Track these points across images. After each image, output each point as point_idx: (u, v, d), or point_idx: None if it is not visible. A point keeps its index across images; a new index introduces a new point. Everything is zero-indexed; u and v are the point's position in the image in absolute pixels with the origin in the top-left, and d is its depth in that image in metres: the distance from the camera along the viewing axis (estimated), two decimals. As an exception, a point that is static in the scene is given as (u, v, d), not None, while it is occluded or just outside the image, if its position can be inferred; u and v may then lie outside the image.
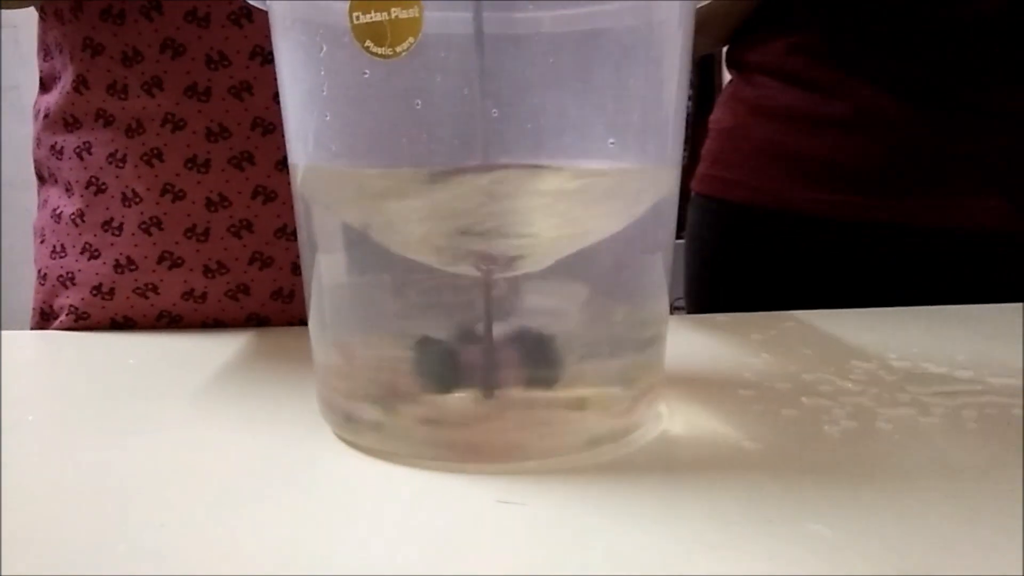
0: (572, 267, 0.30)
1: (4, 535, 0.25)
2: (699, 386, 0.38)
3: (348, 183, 0.29)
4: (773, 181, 0.65)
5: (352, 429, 0.31)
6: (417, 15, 0.25)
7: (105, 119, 0.50)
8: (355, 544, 0.24)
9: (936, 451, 0.30)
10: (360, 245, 0.30)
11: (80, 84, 0.50)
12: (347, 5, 0.26)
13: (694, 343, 0.46)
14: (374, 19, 0.26)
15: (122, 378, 0.42)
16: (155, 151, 0.49)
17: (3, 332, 0.50)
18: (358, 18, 0.26)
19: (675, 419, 0.34)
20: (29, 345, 0.50)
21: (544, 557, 0.23)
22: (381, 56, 0.26)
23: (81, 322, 0.51)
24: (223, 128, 0.49)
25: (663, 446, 0.31)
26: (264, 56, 0.49)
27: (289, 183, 0.51)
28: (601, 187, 0.29)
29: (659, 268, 0.32)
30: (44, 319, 0.53)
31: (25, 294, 0.54)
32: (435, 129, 0.27)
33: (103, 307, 0.51)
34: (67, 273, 0.51)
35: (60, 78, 0.52)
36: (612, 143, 0.28)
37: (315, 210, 0.31)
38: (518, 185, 0.28)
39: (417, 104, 0.26)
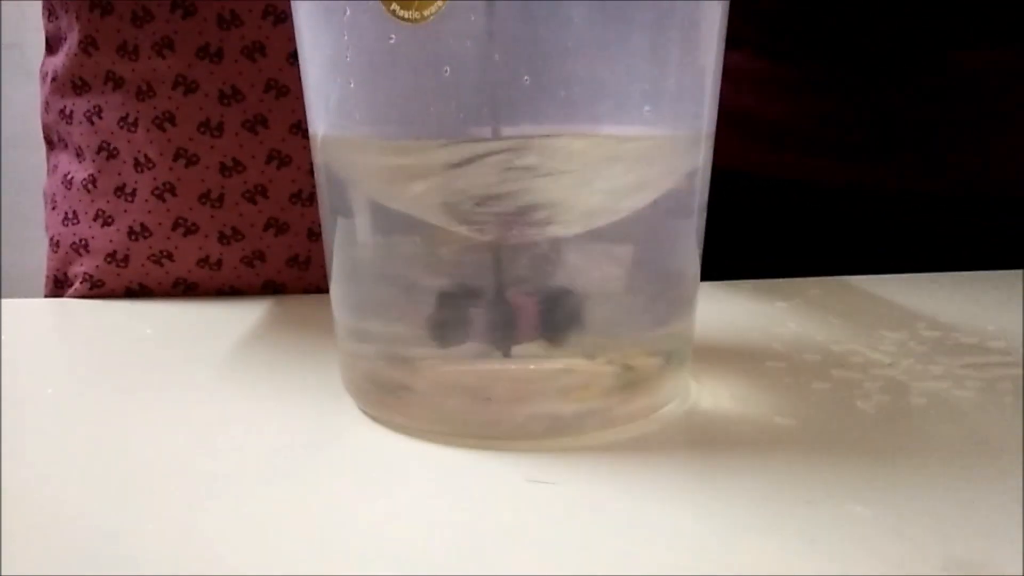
0: (603, 233, 0.29)
1: (17, 510, 0.24)
2: (727, 357, 0.38)
3: (371, 153, 0.28)
4: (731, 142, 0.64)
5: (376, 402, 0.31)
6: (446, -23, 0.24)
7: (115, 81, 0.49)
8: (378, 525, 0.24)
9: (973, 427, 0.30)
10: (383, 213, 0.29)
11: (88, 45, 0.48)
12: (372, -34, 0.24)
13: (718, 311, 0.46)
14: (400, -19, 0.24)
15: (140, 348, 0.42)
16: (167, 114, 0.48)
17: (18, 300, 0.50)
18: (383, -20, 0.24)
19: (704, 392, 0.33)
20: (45, 313, 0.50)
21: (576, 539, 0.23)
22: (408, 20, 0.25)
23: (96, 290, 0.50)
24: (236, 90, 0.48)
25: (694, 421, 0.31)
26: (277, 15, 0.47)
27: (304, 147, 0.50)
28: (635, 156, 0.28)
29: (692, 235, 0.31)
30: (58, 286, 0.52)
31: (27, 254, 0.53)
32: (464, 97, 0.26)
33: (118, 275, 0.50)
34: (80, 240, 0.51)
35: (66, 39, 0.50)
36: (648, 110, 0.27)
37: (336, 179, 0.30)
38: (548, 155, 0.27)
39: (446, 71, 0.25)
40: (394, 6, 0.25)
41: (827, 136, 0.61)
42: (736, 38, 0.64)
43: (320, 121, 0.29)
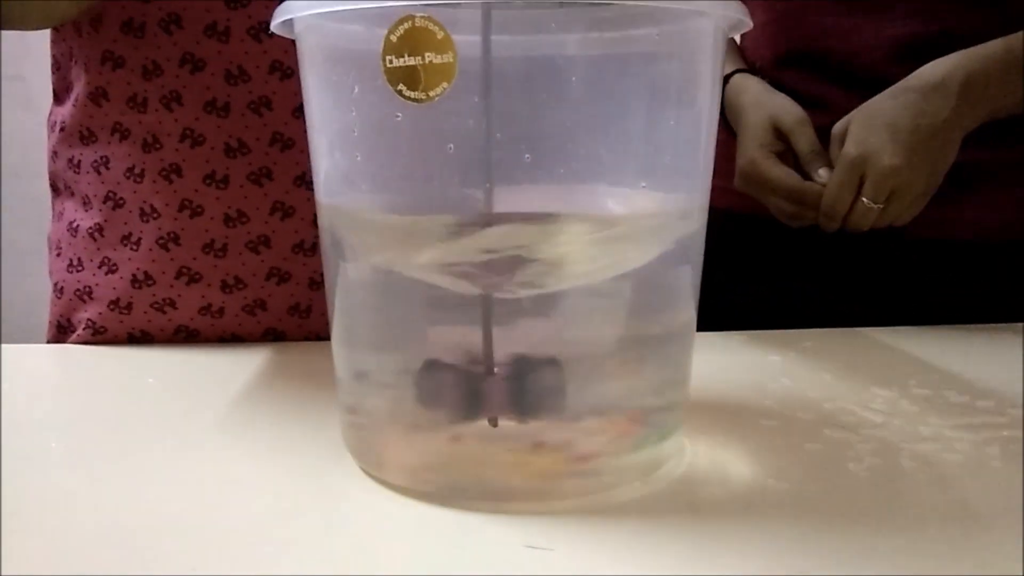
0: (596, 301, 0.30)
1: (13, 558, 0.25)
2: (721, 415, 0.38)
3: (377, 227, 0.29)
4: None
5: (375, 463, 0.31)
6: (452, 60, 0.25)
7: (122, 133, 0.50)
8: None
9: (963, 494, 0.30)
10: (384, 279, 0.30)
11: (99, 96, 0.50)
12: (380, 48, 0.25)
13: (712, 364, 0.46)
14: (408, 63, 0.25)
15: (141, 398, 0.42)
16: (173, 166, 0.49)
17: (20, 345, 0.50)
18: (391, 61, 0.25)
19: (698, 453, 0.34)
20: (47, 359, 0.50)
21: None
22: (414, 100, 0.25)
23: (98, 336, 0.51)
24: (242, 143, 0.49)
25: (688, 485, 0.31)
26: (283, 71, 0.48)
27: (308, 199, 0.51)
28: (629, 231, 0.29)
29: (685, 300, 0.32)
30: (61, 332, 0.53)
31: (27, 285, 0.54)
32: (467, 173, 0.27)
33: (120, 321, 0.51)
34: (84, 287, 0.51)
35: (72, 89, 0.52)
36: (644, 186, 0.28)
37: (340, 244, 0.31)
38: (547, 228, 0.27)
39: (450, 148, 0.26)
40: (401, 86, 0.26)
41: None
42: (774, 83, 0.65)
43: (326, 189, 0.30)
